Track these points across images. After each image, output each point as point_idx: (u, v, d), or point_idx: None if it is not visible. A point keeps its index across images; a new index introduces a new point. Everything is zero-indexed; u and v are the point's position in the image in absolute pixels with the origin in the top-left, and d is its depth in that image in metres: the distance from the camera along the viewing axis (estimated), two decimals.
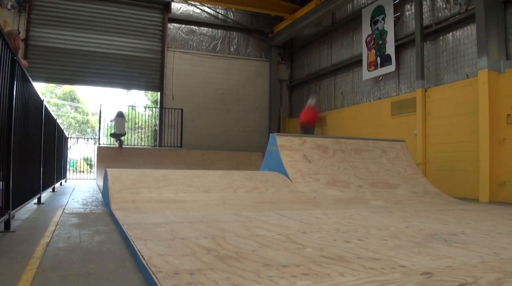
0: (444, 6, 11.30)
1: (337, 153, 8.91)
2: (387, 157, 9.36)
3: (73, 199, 8.28)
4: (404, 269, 2.65)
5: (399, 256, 3.03)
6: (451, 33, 11.11)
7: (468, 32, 10.56)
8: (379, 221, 5.03)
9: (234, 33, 18.67)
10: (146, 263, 2.69)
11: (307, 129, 12.38)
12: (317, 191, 7.65)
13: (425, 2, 11.91)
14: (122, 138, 15.57)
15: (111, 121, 15.56)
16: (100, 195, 8.98)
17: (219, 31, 18.38)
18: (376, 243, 3.55)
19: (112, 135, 15.45)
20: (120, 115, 15.33)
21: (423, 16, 11.83)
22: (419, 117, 11.46)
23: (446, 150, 10.71)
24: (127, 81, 16.93)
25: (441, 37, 11.41)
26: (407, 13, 12.72)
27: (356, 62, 14.83)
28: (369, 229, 4.38)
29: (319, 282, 2.33)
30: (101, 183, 9.56)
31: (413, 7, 12.32)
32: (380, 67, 13.34)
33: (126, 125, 15.76)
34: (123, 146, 15.45)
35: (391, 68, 12.88)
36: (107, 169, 7.32)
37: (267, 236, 3.84)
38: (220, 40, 18.35)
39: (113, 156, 14.18)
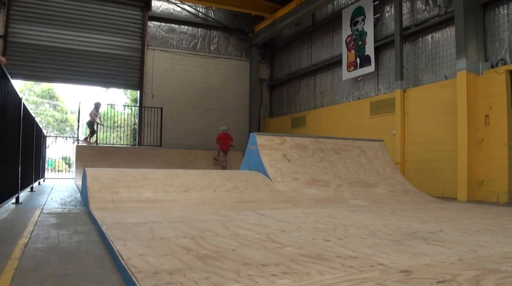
0: (424, 8, 11.43)
1: (317, 153, 8.95)
2: (366, 156, 9.44)
3: (51, 198, 8.18)
4: (383, 267, 2.67)
5: (378, 254, 3.05)
6: (430, 35, 11.25)
7: (447, 34, 10.70)
8: (358, 220, 5.07)
9: (214, 32, 18.63)
10: (125, 263, 2.67)
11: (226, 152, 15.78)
12: (296, 190, 7.67)
13: (404, 4, 12.04)
14: (93, 138, 15.57)
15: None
16: (78, 195, 8.88)
17: (199, 29, 18.32)
18: (355, 241, 3.58)
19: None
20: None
21: (403, 17, 11.96)
22: (397, 117, 11.59)
23: (424, 150, 10.84)
24: (107, 79, 16.75)
25: (420, 39, 11.55)
26: (386, 14, 12.84)
27: (336, 62, 14.92)
28: (348, 228, 4.41)
29: (298, 280, 2.34)
30: (79, 183, 9.46)
31: (392, 8, 12.44)
32: (359, 68, 13.44)
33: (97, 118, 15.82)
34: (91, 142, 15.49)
35: (371, 68, 12.99)
36: (86, 169, 7.24)
37: (247, 235, 3.84)
38: (201, 38, 18.30)
39: (92, 155, 14.03)
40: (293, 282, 2.31)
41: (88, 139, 15.58)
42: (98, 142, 16.04)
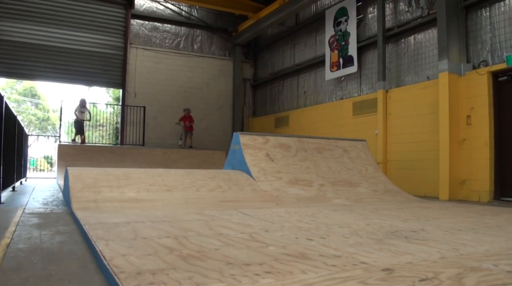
0: (407, 10, 11.53)
1: (300, 152, 8.98)
2: (349, 156, 9.49)
3: (33, 198, 8.08)
4: (365, 265, 2.69)
5: (360, 253, 3.07)
6: (412, 36, 11.36)
7: (430, 36, 10.82)
8: (341, 219, 5.09)
9: (197, 30, 18.58)
10: (108, 264, 2.65)
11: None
12: (279, 190, 7.69)
13: (387, 5, 12.13)
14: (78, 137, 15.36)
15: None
16: (60, 195, 8.78)
17: (182, 28, 18.25)
18: (338, 240, 3.60)
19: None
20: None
21: (386, 18, 12.06)
22: (380, 117, 11.68)
23: (406, 150, 10.95)
24: (89, 78, 16.60)
25: (403, 40, 11.65)
26: (369, 15, 12.93)
27: (319, 63, 14.99)
28: (331, 227, 4.43)
29: (281, 279, 2.34)
30: (61, 182, 9.36)
31: (375, 9, 12.53)
32: (342, 68, 13.52)
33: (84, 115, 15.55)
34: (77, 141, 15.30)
35: (353, 69, 13.07)
36: (68, 168, 7.16)
37: (230, 235, 3.84)
38: (184, 37, 18.23)
39: (74, 154, 13.88)
40: (276, 281, 2.32)
41: (74, 139, 15.47)
42: (86, 140, 15.91)
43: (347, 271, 2.56)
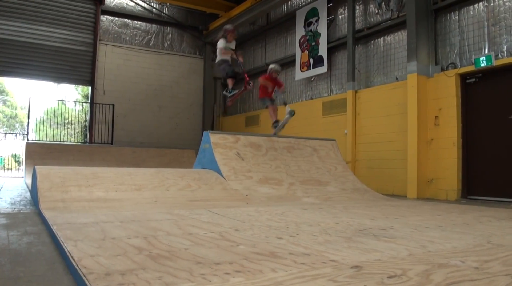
0: (376, 12, 11.68)
1: (270, 151, 9.00)
2: (318, 155, 9.56)
3: (0, 198, 7.88)
4: (334, 263, 2.72)
5: (330, 251, 3.10)
6: (382, 38, 11.51)
7: (399, 37, 10.99)
8: (310, 218, 5.13)
9: (168, 28, 18.44)
10: (76, 265, 2.61)
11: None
12: (249, 189, 7.70)
13: (358, 7, 12.27)
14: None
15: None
16: (28, 194, 8.59)
17: (153, 25, 18.09)
18: (307, 238, 3.62)
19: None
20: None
21: (356, 20, 12.19)
22: (349, 117, 11.81)
23: (375, 149, 11.10)
24: (57, 74, 16.25)
25: (372, 41, 11.80)
26: (340, 16, 13.06)
27: (289, 62, 15.06)
28: (300, 225, 4.46)
29: (251, 278, 2.35)
30: (29, 182, 9.17)
31: (346, 11, 12.66)
32: (312, 68, 13.61)
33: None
34: None
35: (323, 69, 13.17)
36: (36, 167, 7.02)
37: (200, 234, 3.83)
38: (154, 35, 18.07)
39: (42, 153, 13.62)
40: (247, 280, 2.32)
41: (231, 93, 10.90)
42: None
43: (317, 269, 2.58)
